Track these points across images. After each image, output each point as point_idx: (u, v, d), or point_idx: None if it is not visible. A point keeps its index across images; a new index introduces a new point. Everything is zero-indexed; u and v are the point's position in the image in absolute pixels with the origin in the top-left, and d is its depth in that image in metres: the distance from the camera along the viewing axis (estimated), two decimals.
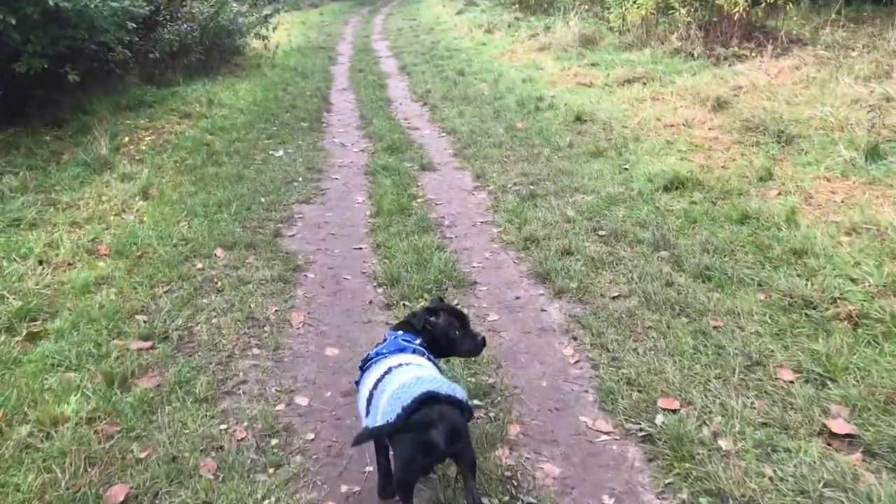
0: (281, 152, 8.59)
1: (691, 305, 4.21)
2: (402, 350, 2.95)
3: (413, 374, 2.64)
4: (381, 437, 2.73)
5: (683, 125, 7.96)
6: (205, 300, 4.75)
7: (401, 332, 3.07)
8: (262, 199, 6.78)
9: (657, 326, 4.05)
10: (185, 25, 12.62)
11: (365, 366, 2.97)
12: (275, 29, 16.91)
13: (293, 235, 6.00)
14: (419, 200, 6.65)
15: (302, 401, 3.70)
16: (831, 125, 7.04)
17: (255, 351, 4.16)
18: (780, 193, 5.78)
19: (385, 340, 3.06)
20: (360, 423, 3.12)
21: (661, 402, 3.37)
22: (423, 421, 2.44)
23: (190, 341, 4.27)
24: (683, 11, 11.97)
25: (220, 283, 4.98)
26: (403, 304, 4.57)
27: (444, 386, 2.58)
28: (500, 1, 23.29)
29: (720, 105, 8.34)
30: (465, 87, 11.99)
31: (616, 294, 4.48)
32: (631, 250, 5.08)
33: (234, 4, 14.49)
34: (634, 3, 13.15)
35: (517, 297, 4.66)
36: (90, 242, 5.66)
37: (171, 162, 8.10)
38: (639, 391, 3.50)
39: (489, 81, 12.14)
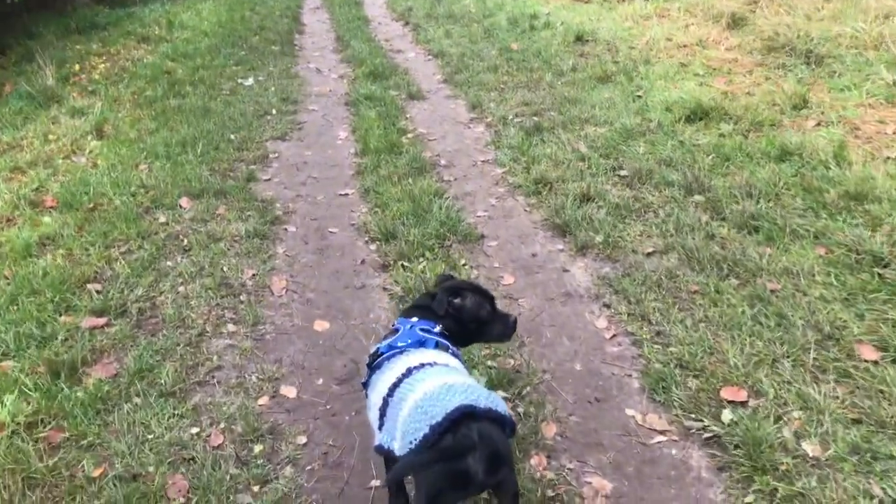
0: (251, 81, 7.73)
1: (740, 263, 3.60)
2: (421, 343, 2.31)
3: (441, 381, 2.04)
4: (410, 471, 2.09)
5: (697, 45, 7.20)
6: (169, 263, 4.07)
7: (415, 319, 2.42)
8: (232, 136, 6.00)
9: (704, 290, 3.45)
10: None
11: (375, 363, 2.32)
12: None
13: (269, 179, 5.27)
14: (410, 136, 5.91)
15: (289, 391, 3.08)
16: (864, 43, 6.34)
17: (231, 327, 3.51)
18: (819, 124, 5.12)
19: (396, 331, 2.41)
20: (370, 433, 2.54)
21: (725, 392, 2.80)
22: (460, 446, 1.87)
23: (153, 316, 3.61)
24: None
25: (186, 241, 4.29)
26: (402, 265, 3.92)
27: (482, 396, 1.97)
28: None
29: (736, 22, 7.56)
30: (450, 3, 11.02)
31: (650, 250, 3.85)
32: (659, 194, 4.44)
33: None
34: None
35: (533, 255, 4.03)
36: (34, 193, 4.91)
37: (127, 93, 7.25)
38: (695, 376, 2.92)
39: None
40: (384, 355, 2.30)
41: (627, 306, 3.42)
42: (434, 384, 2.02)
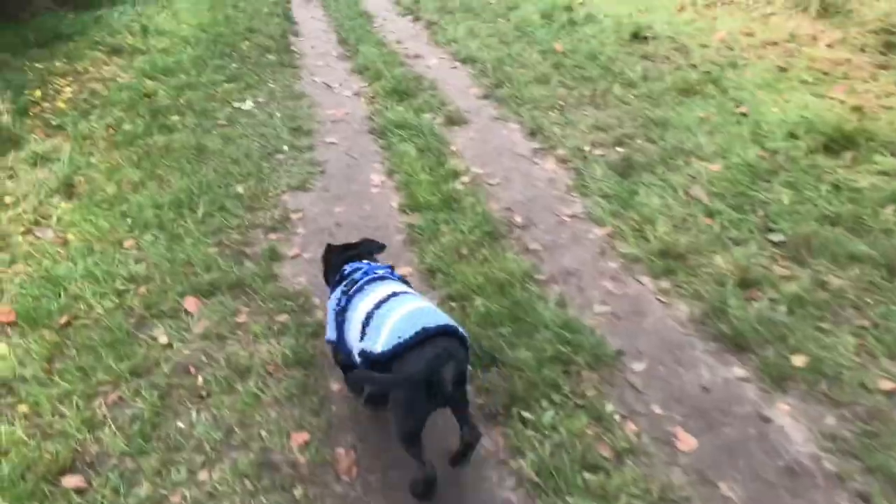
0: (249, 103, 6.42)
1: None
2: (392, 273, 2.70)
3: (426, 304, 2.41)
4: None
5: (790, 42, 5.98)
6: (180, 423, 2.83)
7: (365, 263, 2.74)
8: (240, 189, 4.73)
9: None
10: None
11: (353, 290, 2.55)
12: None
13: (296, 257, 4.02)
14: (464, 179, 4.67)
15: None
16: None
17: None
18: None
19: (346, 275, 2.67)
20: None
21: None
22: (441, 354, 2.17)
23: None
24: None
25: (201, 379, 3.04)
26: (520, 416, 2.72)
27: (460, 326, 2.31)
28: None
29: (827, 9, 6.36)
30: None
31: (890, 385, 2.67)
32: (845, 275, 3.25)
33: None
34: None
35: (704, 388, 2.83)
36: None
37: (101, 128, 5.92)
38: None
39: None
40: (361, 281, 2.55)
41: None
42: (423, 304, 2.39)
